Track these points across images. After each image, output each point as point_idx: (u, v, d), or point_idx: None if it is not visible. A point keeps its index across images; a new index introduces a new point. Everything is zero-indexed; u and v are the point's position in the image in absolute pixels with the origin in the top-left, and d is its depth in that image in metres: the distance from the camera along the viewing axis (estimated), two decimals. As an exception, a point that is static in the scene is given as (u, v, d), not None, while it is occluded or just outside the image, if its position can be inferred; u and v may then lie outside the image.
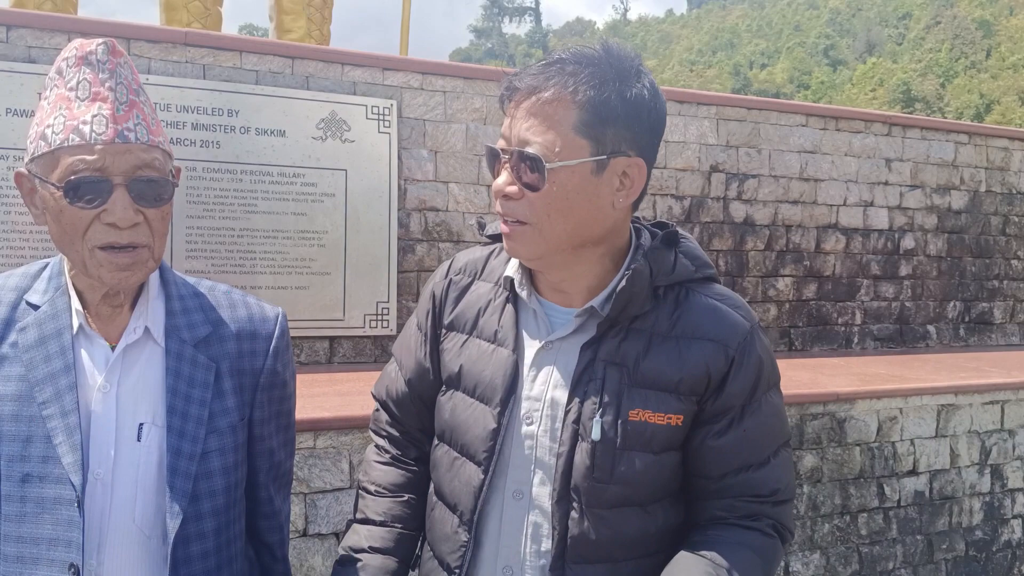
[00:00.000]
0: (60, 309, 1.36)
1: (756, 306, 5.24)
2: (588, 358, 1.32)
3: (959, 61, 64.93)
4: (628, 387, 1.30)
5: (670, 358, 1.31)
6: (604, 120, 1.26)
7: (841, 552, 3.88)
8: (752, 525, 1.32)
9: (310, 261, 4.01)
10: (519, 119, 1.28)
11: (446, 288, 1.50)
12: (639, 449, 1.29)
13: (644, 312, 1.33)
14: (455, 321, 1.46)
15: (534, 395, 1.35)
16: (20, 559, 1.28)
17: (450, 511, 1.40)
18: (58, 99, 1.31)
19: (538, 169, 1.26)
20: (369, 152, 4.12)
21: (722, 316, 1.34)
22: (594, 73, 1.26)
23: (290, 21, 5.27)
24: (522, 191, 1.28)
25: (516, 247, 1.33)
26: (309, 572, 2.92)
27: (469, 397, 1.39)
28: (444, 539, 1.41)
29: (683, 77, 77.30)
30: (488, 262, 1.49)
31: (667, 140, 4.95)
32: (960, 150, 5.99)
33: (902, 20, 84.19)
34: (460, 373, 1.41)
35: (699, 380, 1.31)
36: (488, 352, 1.39)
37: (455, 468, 1.40)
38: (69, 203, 1.27)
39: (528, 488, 1.34)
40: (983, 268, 6.14)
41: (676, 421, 1.30)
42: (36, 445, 1.28)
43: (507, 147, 1.29)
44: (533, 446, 1.34)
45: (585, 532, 1.29)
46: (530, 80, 1.28)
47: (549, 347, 1.36)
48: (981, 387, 4.20)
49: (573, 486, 1.29)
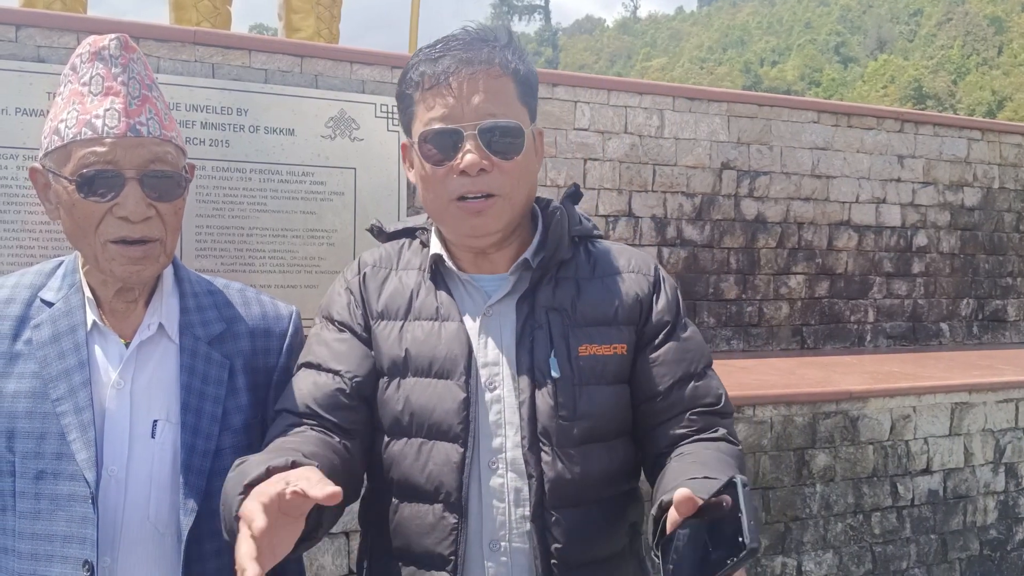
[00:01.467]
0: (74, 306, 1.36)
1: (768, 304, 5.22)
2: (527, 309, 1.38)
3: (971, 58, 64.55)
4: (571, 327, 1.37)
5: (601, 295, 1.41)
6: (530, 91, 1.39)
7: (854, 551, 3.85)
8: (714, 436, 1.37)
9: (319, 260, 4.01)
10: (471, 94, 1.30)
11: (362, 281, 1.46)
12: (594, 382, 1.36)
13: (566, 260, 1.42)
14: (386, 310, 1.42)
15: (491, 360, 1.36)
16: (35, 556, 1.28)
17: (427, 502, 1.34)
18: (72, 94, 1.32)
19: (517, 136, 1.33)
20: (378, 151, 4.11)
21: (631, 254, 1.49)
22: (515, 49, 1.38)
23: (299, 20, 5.27)
24: (492, 163, 1.32)
25: (487, 222, 1.34)
26: (319, 571, 2.92)
27: (425, 378, 1.35)
28: (426, 532, 1.33)
29: (693, 75, 77.11)
30: (401, 254, 1.49)
31: (677, 137, 4.93)
32: (973, 146, 5.94)
33: (913, 17, 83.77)
34: (407, 358, 1.36)
35: (632, 307, 1.41)
36: (435, 330, 1.37)
37: (424, 452, 1.33)
38: (82, 197, 1.27)
39: (503, 454, 1.34)
40: (996, 265, 6.09)
41: (621, 350, 1.39)
42: (50, 442, 1.29)
43: (466, 123, 1.30)
44: (501, 410, 1.35)
45: (560, 473, 1.32)
46: (468, 56, 1.32)
47: (491, 312, 1.39)
48: (995, 385, 4.17)
49: (541, 430, 1.32)
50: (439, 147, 1.32)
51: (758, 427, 3.63)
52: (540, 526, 1.32)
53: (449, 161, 1.32)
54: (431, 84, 1.33)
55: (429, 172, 1.35)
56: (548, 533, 1.32)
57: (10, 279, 1.41)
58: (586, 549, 1.34)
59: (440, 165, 1.33)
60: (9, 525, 1.30)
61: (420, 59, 1.37)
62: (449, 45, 1.35)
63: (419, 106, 1.36)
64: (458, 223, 1.36)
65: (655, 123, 4.87)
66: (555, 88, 4.58)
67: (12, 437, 1.29)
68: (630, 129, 4.80)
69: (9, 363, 1.32)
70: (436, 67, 1.33)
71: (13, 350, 1.33)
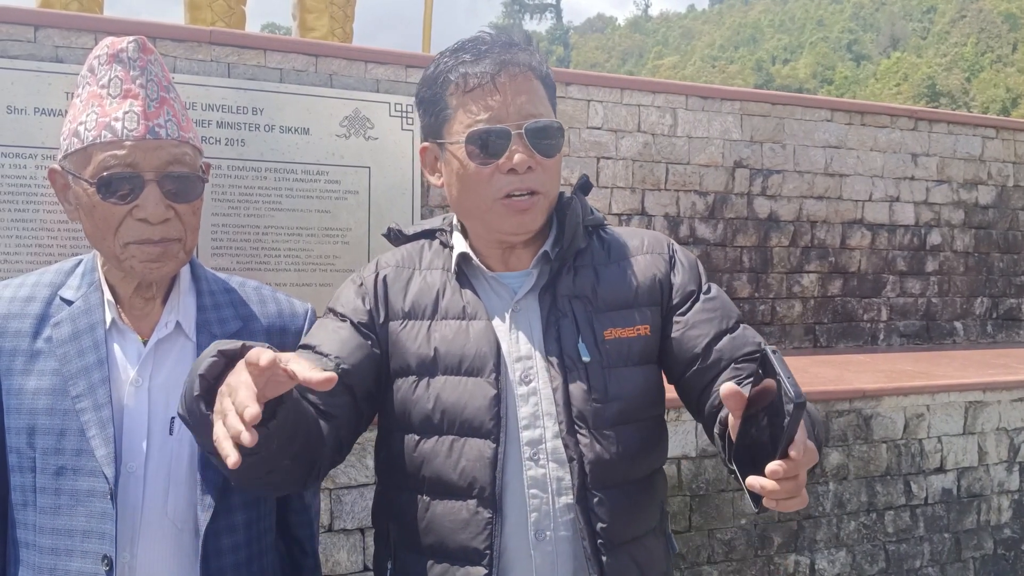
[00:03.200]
0: (93, 304, 1.37)
1: (781, 302, 5.21)
2: (550, 300, 1.41)
3: (985, 55, 64.07)
4: (595, 313, 1.41)
5: (619, 279, 1.45)
6: (553, 92, 1.45)
7: (867, 550, 3.84)
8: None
9: (334, 258, 4.03)
10: (516, 95, 1.35)
11: (381, 282, 1.46)
12: (622, 364, 1.40)
13: (582, 249, 1.47)
14: (413, 309, 1.43)
15: (524, 355, 1.39)
16: (55, 551, 1.30)
17: (460, 498, 1.35)
18: (90, 96, 1.33)
19: (559, 136, 1.40)
20: (392, 150, 4.13)
21: (642, 235, 1.53)
22: (535, 52, 1.43)
23: (313, 19, 5.29)
24: (538, 162, 1.36)
25: (533, 219, 1.39)
26: (335, 567, 2.93)
27: (455, 376, 1.37)
28: (460, 528, 1.34)
29: (705, 73, 76.86)
30: (423, 254, 1.50)
31: (690, 136, 4.93)
32: (987, 144, 5.91)
33: (927, 14, 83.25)
34: (436, 356, 1.38)
35: (652, 288, 1.45)
36: (463, 328, 1.39)
37: (456, 450, 1.35)
38: (101, 199, 1.29)
39: (543, 445, 1.36)
40: (1011, 264, 6.06)
41: (644, 331, 1.42)
42: (70, 438, 1.30)
43: (512, 123, 1.35)
44: (538, 401, 1.37)
45: (599, 454, 1.35)
46: (506, 58, 1.36)
47: (519, 307, 1.42)
48: (1010, 384, 4.14)
49: (577, 413, 1.35)
50: (486, 146, 1.35)
51: (771, 426, 3.62)
52: (584, 508, 1.34)
53: (495, 160, 1.35)
54: (475, 85, 1.36)
55: (473, 171, 1.36)
56: (592, 514, 1.34)
57: (30, 278, 1.43)
58: (627, 527, 1.38)
59: (485, 164, 1.35)
60: (30, 520, 1.32)
61: (455, 62, 1.39)
62: (487, 47, 1.38)
63: (459, 108, 1.37)
64: (503, 221, 1.38)
65: (668, 122, 4.86)
66: (568, 87, 4.58)
67: (33, 433, 1.31)
68: (643, 128, 4.80)
69: (30, 360, 1.34)
70: (478, 68, 1.36)
71: (34, 348, 1.34)
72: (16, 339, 1.35)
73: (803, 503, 1.08)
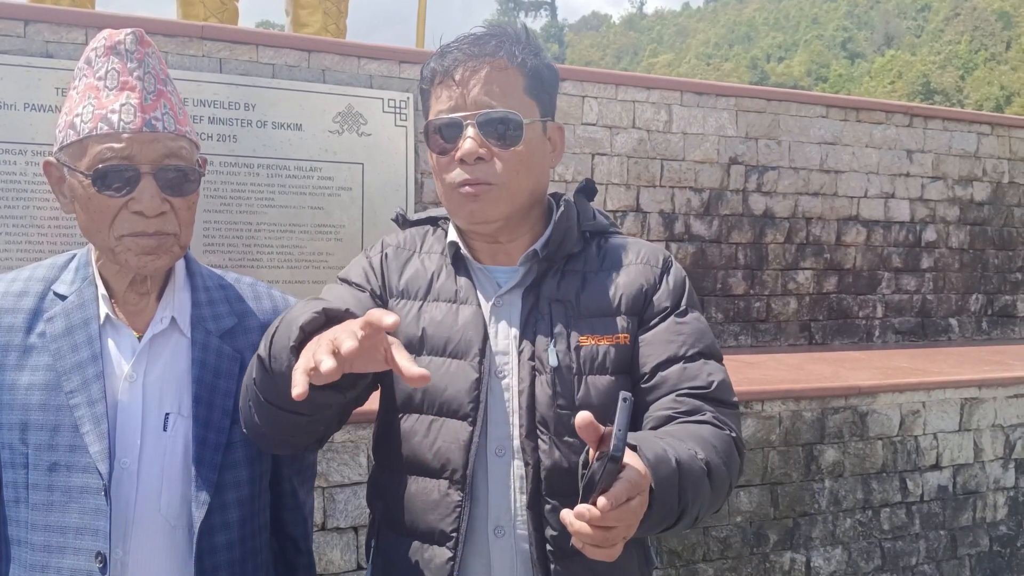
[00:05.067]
0: (87, 299, 1.36)
1: (776, 299, 5.20)
2: (532, 300, 1.40)
3: (979, 53, 64.23)
4: (574, 319, 1.39)
5: (605, 286, 1.43)
6: (542, 85, 1.42)
7: (863, 547, 3.84)
8: (699, 419, 1.33)
9: (327, 255, 4.01)
10: (474, 85, 1.36)
11: (384, 258, 1.50)
12: (595, 372, 1.37)
13: (575, 253, 1.45)
14: (407, 288, 1.45)
15: (501, 349, 1.39)
16: (47, 548, 1.29)
17: (433, 477, 1.36)
18: (87, 88, 1.32)
19: (516, 127, 1.37)
20: (386, 146, 4.11)
21: (642, 246, 1.51)
22: (527, 45, 1.41)
23: (306, 15, 5.27)
24: (491, 153, 1.36)
25: (485, 208, 1.38)
26: (328, 566, 2.92)
27: (440, 357, 1.38)
28: (430, 508, 1.36)
29: (700, 71, 76.92)
30: (425, 239, 1.53)
31: (685, 132, 4.92)
32: (983, 141, 5.91)
33: (921, 12, 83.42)
34: (424, 336, 1.40)
35: (636, 297, 1.42)
36: (452, 311, 1.41)
37: (434, 430, 1.36)
38: (97, 191, 1.28)
39: (510, 442, 1.36)
40: (1006, 260, 6.07)
41: (624, 340, 1.40)
42: (63, 434, 1.29)
43: (465, 113, 1.35)
44: (510, 398, 1.37)
45: (557, 461, 1.33)
46: (473, 51, 1.37)
47: (500, 302, 1.42)
48: (1005, 380, 4.15)
49: (539, 418, 1.34)
50: (443, 136, 1.39)
51: (766, 422, 3.62)
52: (536, 513, 1.34)
53: (452, 150, 1.37)
54: (440, 79, 1.40)
55: (435, 161, 1.42)
56: (544, 520, 1.34)
57: (23, 272, 1.41)
58: None
59: (444, 154, 1.39)
60: (22, 517, 1.30)
61: (435, 56, 1.43)
62: (459, 41, 1.41)
63: (431, 100, 1.43)
64: (458, 209, 1.40)
65: (663, 118, 4.85)
66: (563, 83, 4.55)
67: (26, 429, 1.30)
68: (638, 124, 4.79)
69: (23, 356, 1.33)
70: (444, 61, 1.39)
71: (27, 343, 1.33)
72: (9, 334, 1.34)
73: (608, 557, 1.05)
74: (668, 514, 1.17)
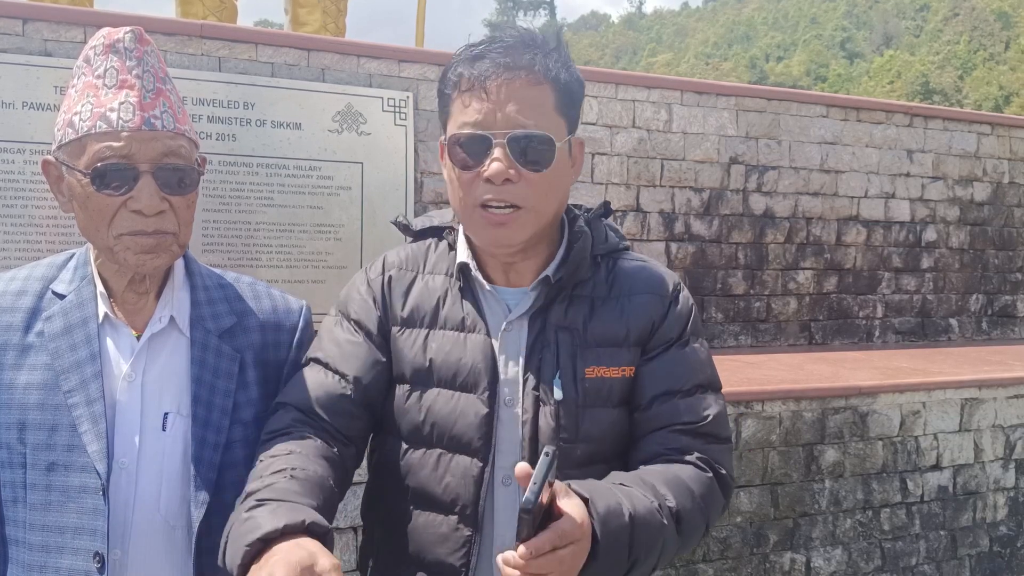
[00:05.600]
0: (86, 298, 1.36)
1: (776, 299, 5.20)
2: (538, 327, 1.36)
3: (978, 53, 64.23)
4: (581, 348, 1.35)
5: (614, 316, 1.38)
6: (571, 102, 1.35)
7: (863, 548, 3.84)
8: (684, 459, 1.33)
9: (326, 255, 4.00)
10: (507, 101, 1.28)
11: (386, 283, 1.43)
12: (600, 405, 1.34)
13: (584, 279, 1.40)
14: (412, 316, 1.40)
15: (510, 378, 1.35)
16: (45, 548, 1.28)
17: (442, 512, 1.34)
18: (85, 87, 1.31)
19: (548, 149, 1.30)
20: (385, 145, 4.10)
21: (651, 272, 1.44)
22: (559, 56, 1.34)
23: (305, 14, 5.26)
24: (519, 174, 1.29)
25: (512, 233, 1.32)
26: (329, 565, 2.91)
27: (449, 389, 1.35)
28: (439, 542, 1.33)
29: (699, 70, 76.93)
30: (428, 256, 1.47)
31: (686, 132, 4.91)
32: (983, 141, 5.91)
33: (920, 12, 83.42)
34: (431, 368, 1.36)
35: (643, 329, 1.38)
36: (460, 340, 1.36)
37: (443, 464, 1.33)
38: (96, 190, 1.27)
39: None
40: (1006, 260, 6.06)
41: (629, 373, 1.36)
42: (62, 434, 1.28)
43: (496, 131, 1.28)
44: (516, 428, 1.34)
45: None
46: (507, 61, 1.29)
47: (510, 328, 1.38)
48: (1005, 381, 4.15)
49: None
50: (468, 151, 1.31)
51: (767, 422, 3.62)
52: None
53: (476, 167, 1.30)
54: (468, 87, 1.31)
55: (457, 175, 1.33)
56: None
57: (21, 271, 1.41)
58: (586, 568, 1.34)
59: (468, 170, 1.31)
60: (20, 517, 1.30)
61: (460, 58, 1.34)
62: (491, 47, 1.32)
63: (454, 106, 1.34)
64: (481, 231, 1.34)
65: (663, 117, 4.85)
66: (563, 82, 4.56)
67: (24, 429, 1.29)
68: (638, 123, 4.78)
69: (21, 355, 1.32)
70: (474, 69, 1.30)
71: (25, 342, 1.33)
72: (7, 333, 1.33)
73: None
74: (617, 565, 1.17)
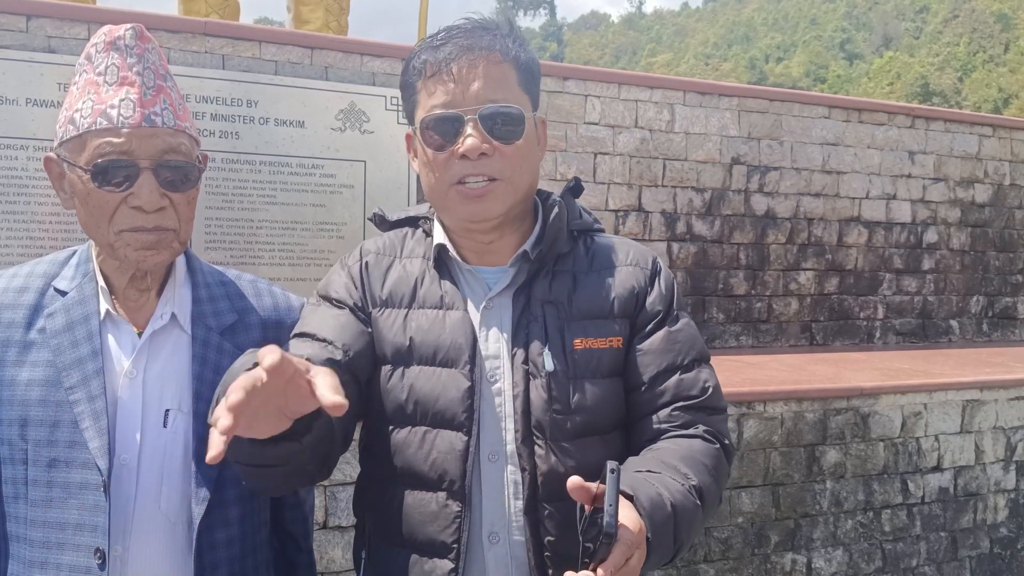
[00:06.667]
0: (87, 295, 1.36)
1: (777, 300, 5.20)
2: (523, 302, 1.38)
3: (977, 55, 64.24)
4: (567, 321, 1.37)
5: (598, 288, 1.41)
6: (532, 78, 1.41)
7: (864, 549, 3.84)
8: (692, 433, 1.36)
9: (328, 253, 3.99)
10: (471, 80, 1.32)
11: (364, 268, 1.45)
12: (589, 376, 1.36)
13: (564, 254, 1.43)
14: (390, 297, 1.41)
15: (491, 353, 1.36)
16: (46, 544, 1.28)
17: (430, 489, 1.33)
18: (87, 84, 1.32)
19: (518, 121, 1.35)
20: (388, 143, 4.10)
21: (630, 247, 1.49)
22: (516, 37, 1.40)
23: (308, 12, 5.24)
24: (493, 148, 1.33)
25: (490, 205, 1.35)
26: (329, 564, 2.91)
27: (430, 366, 1.35)
28: (429, 520, 1.33)
29: (699, 71, 76.95)
30: (405, 242, 1.49)
31: (688, 132, 4.91)
32: (984, 143, 5.91)
33: (919, 14, 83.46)
34: (412, 346, 1.36)
35: (628, 300, 1.41)
36: (439, 318, 1.37)
37: (428, 441, 1.33)
38: (96, 186, 1.27)
39: (503, 447, 1.34)
40: (1007, 262, 6.06)
41: (617, 343, 1.39)
42: (63, 430, 1.28)
43: (467, 107, 1.32)
44: (502, 403, 1.34)
45: (554, 467, 1.31)
46: (469, 43, 1.34)
47: (491, 304, 1.39)
48: (1007, 382, 4.14)
49: (535, 423, 1.32)
50: (440, 132, 1.34)
51: (768, 423, 3.61)
52: (534, 519, 1.32)
53: (450, 146, 1.33)
54: (433, 71, 1.35)
55: (431, 157, 1.36)
56: (542, 526, 1.32)
57: (24, 268, 1.41)
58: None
59: (441, 150, 1.34)
60: (21, 513, 1.30)
61: (422, 48, 1.39)
62: (451, 33, 1.37)
63: (421, 93, 1.38)
64: (458, 207, 1.36)
65: (665, 117, 4.84)
66: (566, 82, 4.55)
67: (25, 425, 1.29)
68: (640, 123, 4.78)
69: (23, 351, 1.32)
70: (438, 54, 1.35)
71: (27, 339, 1.32)
72: (9, 330, 1.33)
73: None
74: (665, 554, 1.20)
